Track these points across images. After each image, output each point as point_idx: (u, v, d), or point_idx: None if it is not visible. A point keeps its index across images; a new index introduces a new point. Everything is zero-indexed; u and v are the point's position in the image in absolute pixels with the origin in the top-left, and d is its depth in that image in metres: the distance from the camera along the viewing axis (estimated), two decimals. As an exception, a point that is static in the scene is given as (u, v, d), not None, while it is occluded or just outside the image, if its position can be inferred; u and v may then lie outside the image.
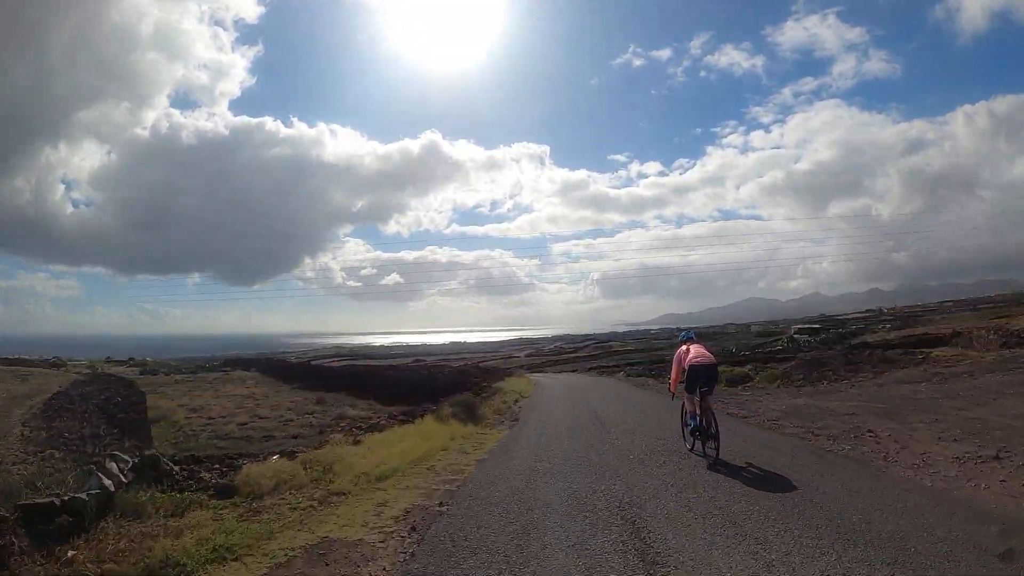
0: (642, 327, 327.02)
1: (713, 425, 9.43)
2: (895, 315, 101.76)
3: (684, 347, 10.20)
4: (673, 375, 10.54)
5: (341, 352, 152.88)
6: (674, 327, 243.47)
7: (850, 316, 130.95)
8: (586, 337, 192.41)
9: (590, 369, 57.84)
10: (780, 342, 58.47)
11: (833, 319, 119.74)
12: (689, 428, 10.08)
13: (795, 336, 61.91)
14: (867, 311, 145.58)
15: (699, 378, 9.50)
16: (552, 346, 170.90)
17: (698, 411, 9.68)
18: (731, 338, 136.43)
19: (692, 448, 10.20)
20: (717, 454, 9.20)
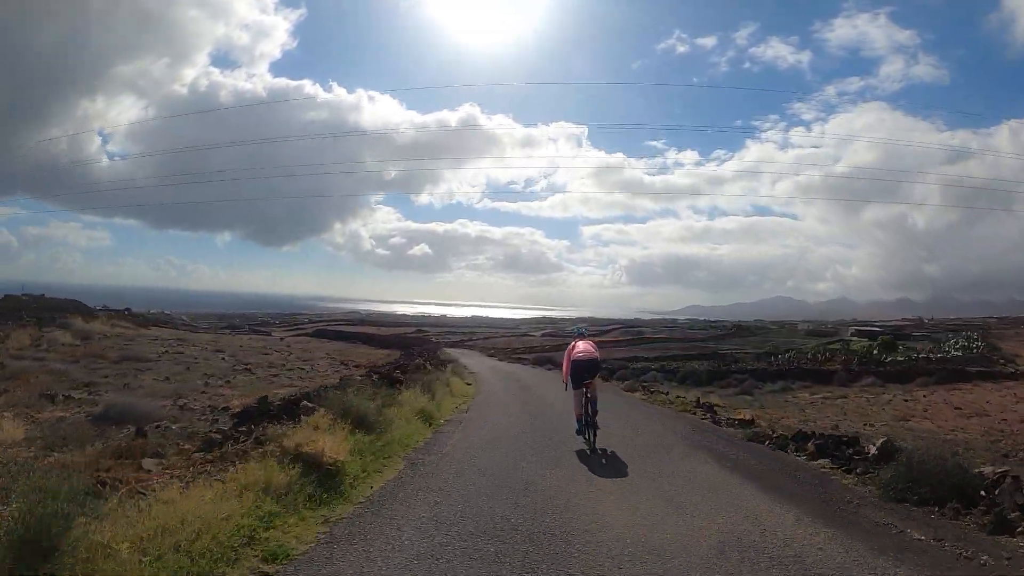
0: (667, 316, 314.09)
1: (592, 411, 9.75)
2: (938, 326, 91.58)
3: (573, 343, 10.60)
4: (564, 368, 10.53)
5: (355, 318, 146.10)
6: (702, 319, 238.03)
7: (889, 323, 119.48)
8: (611, 321, 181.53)
9: (614, 374, 43.61)
10: (839, 345, 52.14)
11: (885, 325, 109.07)
12: (576, 428, 10.12)
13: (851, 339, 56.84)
14: (904, 319, 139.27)
15: (582, 371, 9.91)
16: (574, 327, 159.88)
17: (584, 401, 9.87)
18: (775, 336, 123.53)
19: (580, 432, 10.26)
20: (594, 442, 9.54)
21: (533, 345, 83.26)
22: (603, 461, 8.85)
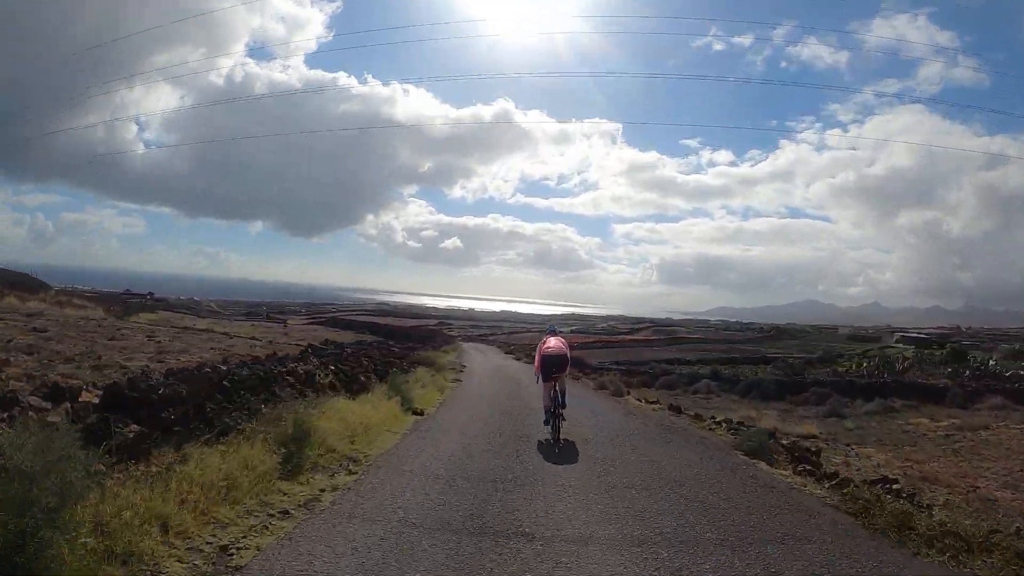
0: (696, 316, 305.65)
1: (559, 403, 9.94)
2: (977, 335, 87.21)
3: (545, 338, 10.85)
4: (536, 362, 10.66)
5: (383, 310, 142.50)
6: (733, 320, 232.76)
7: (925, 330, 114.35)
8: (641, 319, 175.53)
9: (657, 381, 37.51)
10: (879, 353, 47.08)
11: (930, 332, 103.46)
12: (544, 419, 10.20)
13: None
14: (940, 327, 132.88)
15: (551, 365, 10.13)
16: (604, 324, 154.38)
17: (552, 395, 10.04)
18: (815, 340, 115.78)
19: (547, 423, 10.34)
20: (558, 433, 9.65)
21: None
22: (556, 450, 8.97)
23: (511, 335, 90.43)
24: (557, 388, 9.92)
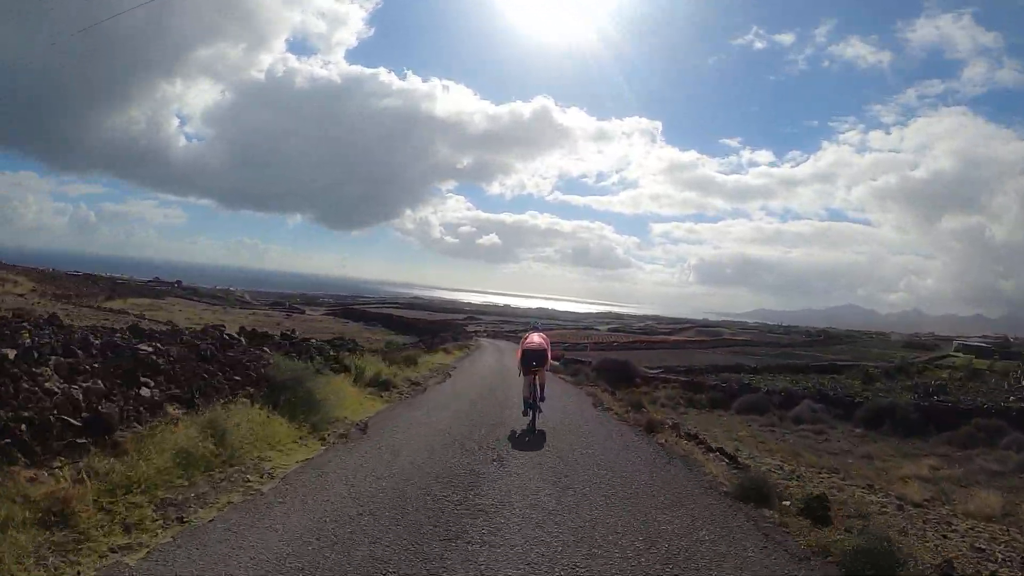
0: (734, 318, 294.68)
1: (538, 396, 10.29)
2: None
3: (527, 334, 11.24)
4: (517, 356, 11.13)
5: (416, 303, 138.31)
6: (773, 323, 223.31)
7: (972, 340, 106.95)
8: (681, 320, 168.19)
9: (735, 402, 29.52)
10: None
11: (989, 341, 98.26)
12: (522, 408, 10.57)
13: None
14: (985, 336, 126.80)
15: (531, 359, 10.42)
16: (642, 324, 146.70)
17: (532, 387, 10.35)
18: (868, 346, 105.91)
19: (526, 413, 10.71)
20: (534, 424, 9.98)
21: (598, 340, 70.23)
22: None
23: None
24: (537, 381, 10.35)
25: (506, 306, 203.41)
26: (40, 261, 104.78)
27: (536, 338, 10.71)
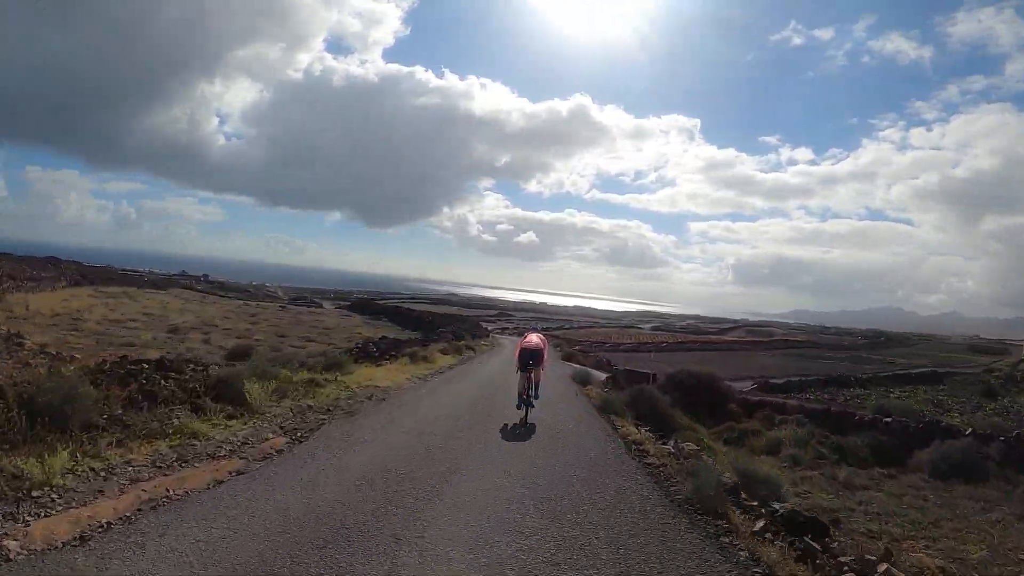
0: (773, 319, 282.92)
1: (533, 394, 10.54)
2: None
3: (526, 334, 12.00)
4: (515, 355, 11.45)
5: (451, 299, 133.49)
6: (813, 324, 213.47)
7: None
8: (722, 320, 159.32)
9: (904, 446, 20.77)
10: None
11: None
12: (515, 403, 10.67)
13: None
14: None
15: (527, 358, 10.71)
16: (684, 323, 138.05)
17: (526, 384, 10.57)
18: (929, 349, 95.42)
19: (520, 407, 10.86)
20: (527, 417, 10.16)
21: (645, 340, 62.36)
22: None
23: (581, 329, 76.30)
24: (533, 379, 10.66)
25: (543, 304, 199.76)
26: (81, 257, 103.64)
27: (534, 339, 11.26)
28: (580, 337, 66.65)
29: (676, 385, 16.34)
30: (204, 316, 33.18)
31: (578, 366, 25.82)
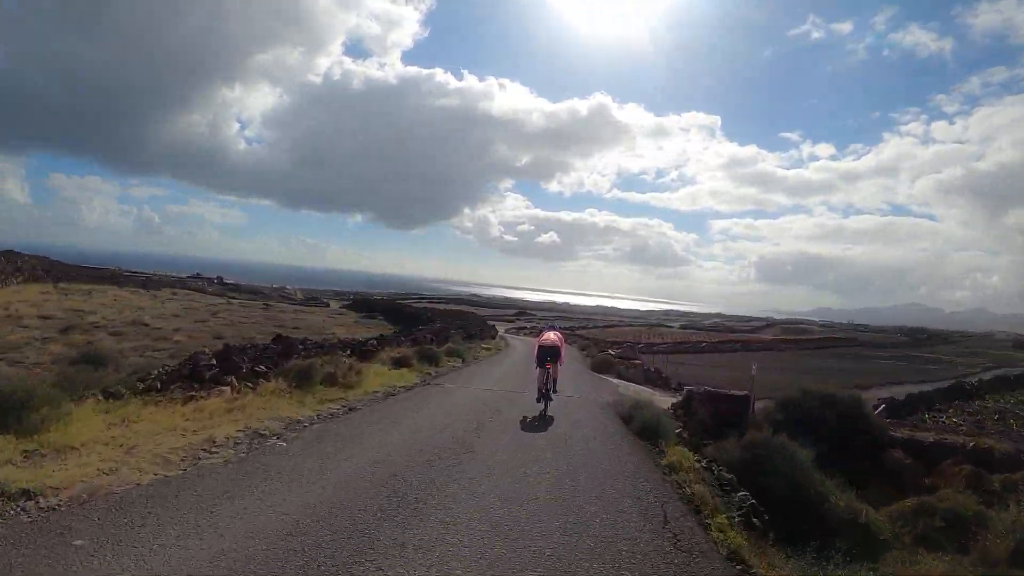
0: (798, 317, 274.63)
1: (551, 389, 10.66)
2: None
3: (542, 332, 11.73)
4: (533, 352, 11.24)
5: (458, 298, 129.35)
6: (840, 322, 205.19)
7: None
8: (747, 318, 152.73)
9: None
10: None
11: None
12: (536, 397, 10.63)
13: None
14: None
15: (545, 354, 10.70)
16: (710, 322, 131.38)
17: (544, 379, 10.56)
18: (971, 346, 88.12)
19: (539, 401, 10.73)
20: (546, 410, 10.16)
21: (679, 339, 56.23)
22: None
23: (607, 328, 70.64)
24: (550, 375, 10.69)
25: (566, 304, 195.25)
26: (105, 261, 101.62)
27: (551, 336, 11.34)
28: (607, 336, 60.99)
29: (792, 414, 10.36)
30: (152, 313, 28.57)
31: (621, 382, 18.64)
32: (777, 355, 51.56)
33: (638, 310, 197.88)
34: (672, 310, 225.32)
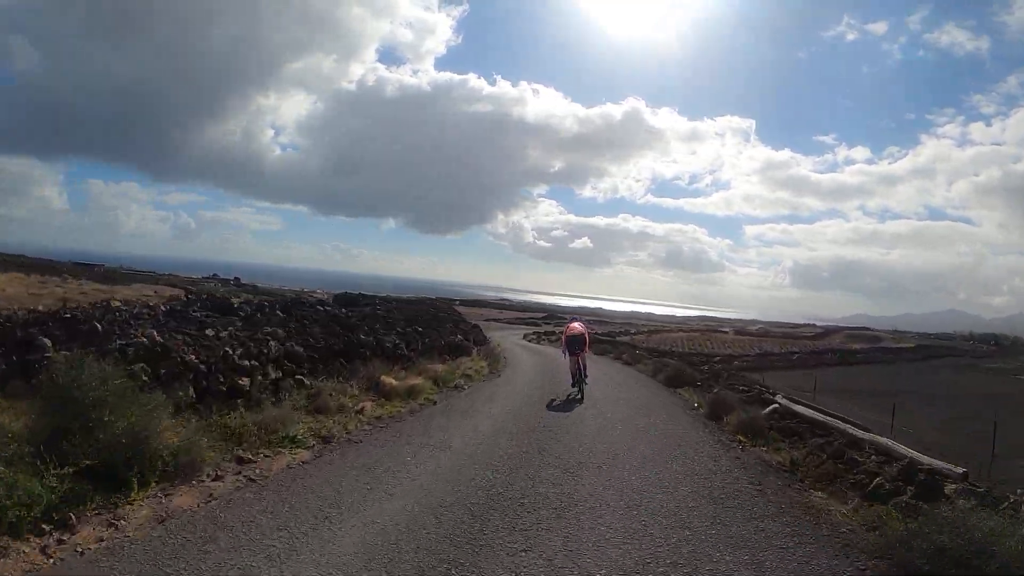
0: (836, 323, 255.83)
1: (582, 373, 12.44)
2: None
3: (569, 323, 13.87)
4: (563, 341, 13.27)
5: (490, 302, 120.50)
6: (883, 328, 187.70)
7: None
8: (788, 325, 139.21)
9: None
10: None
11: None
12: (571, 382, 12.59)
13: None
14: None
15: (573, 344, 12.60)
16: (756, 327, 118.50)
17: (576, 365, 12.43)
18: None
19: (573, 385, 12.66)
20: (581, 395, 12.00)
21: (770, 351, 44.66)
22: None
23: (652, 335, 59.26)
24: (580, 362, 12.38)
25: (599, 309, 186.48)
26: (143, 266, 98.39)
27: (577, 326, 13.27)
28: (653, 342, 49.44)
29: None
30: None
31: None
32: (894, 368, 39.78)
33: (676, 316, 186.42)
34: (709, 316, 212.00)
